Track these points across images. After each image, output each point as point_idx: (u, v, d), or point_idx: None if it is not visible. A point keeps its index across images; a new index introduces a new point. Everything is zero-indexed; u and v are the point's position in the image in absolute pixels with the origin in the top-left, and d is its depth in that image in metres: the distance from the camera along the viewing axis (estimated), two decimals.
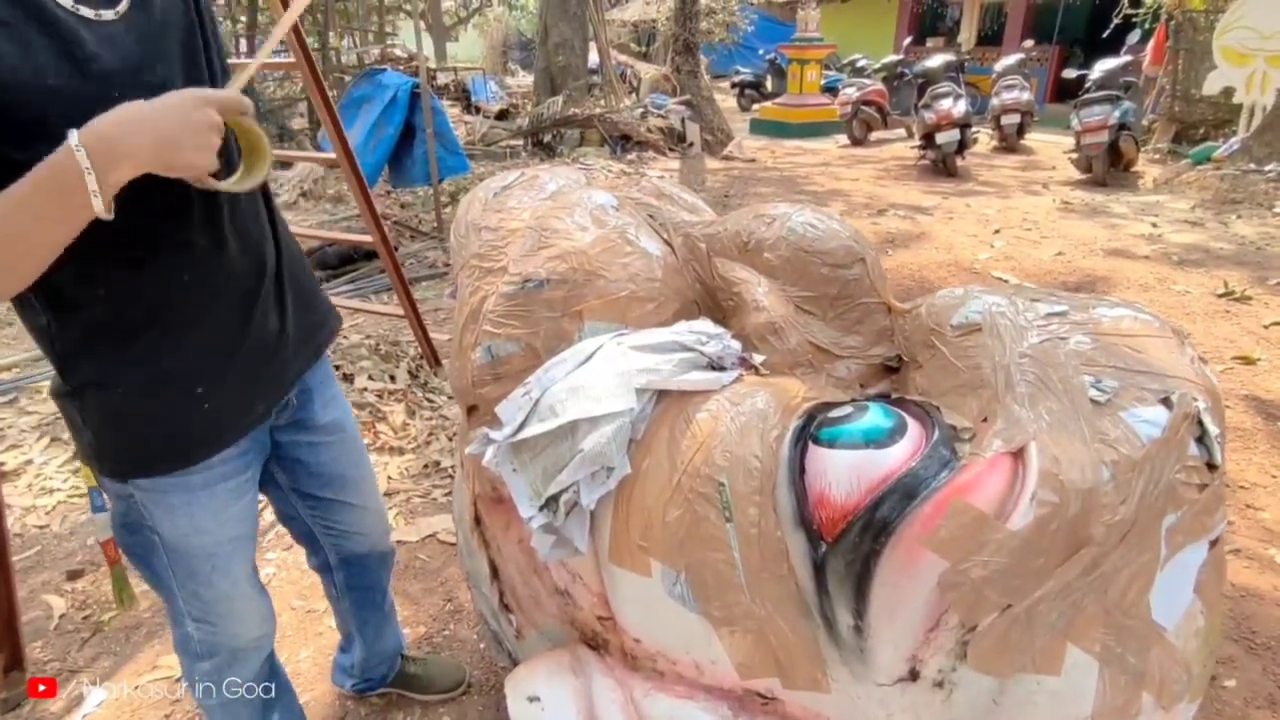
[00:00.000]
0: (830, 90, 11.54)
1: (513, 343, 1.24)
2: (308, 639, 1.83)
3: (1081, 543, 0.91)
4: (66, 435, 2.63)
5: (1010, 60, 9.50)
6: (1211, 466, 0.98)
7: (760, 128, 11.10)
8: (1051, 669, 0.94)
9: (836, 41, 11.74)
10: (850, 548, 0.96)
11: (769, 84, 13.72)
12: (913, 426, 1.04)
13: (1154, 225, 5.55)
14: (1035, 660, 0.94)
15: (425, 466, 2.53)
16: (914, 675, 0.96)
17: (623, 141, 7.46)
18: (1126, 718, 0.98)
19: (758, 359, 1.18)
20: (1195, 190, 6.42)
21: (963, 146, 7.61)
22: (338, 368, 3.09)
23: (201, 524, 1.07)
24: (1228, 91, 7.99)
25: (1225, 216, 5.73)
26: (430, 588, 2.00)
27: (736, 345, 1.16)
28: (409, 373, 2.96)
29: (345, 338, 3.39)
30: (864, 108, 9.87)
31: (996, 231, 5.42)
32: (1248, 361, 3.29)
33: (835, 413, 1.08)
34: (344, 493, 1.36)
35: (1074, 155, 7.28)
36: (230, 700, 1.25)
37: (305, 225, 4.65)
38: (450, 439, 2.66)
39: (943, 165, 7.65)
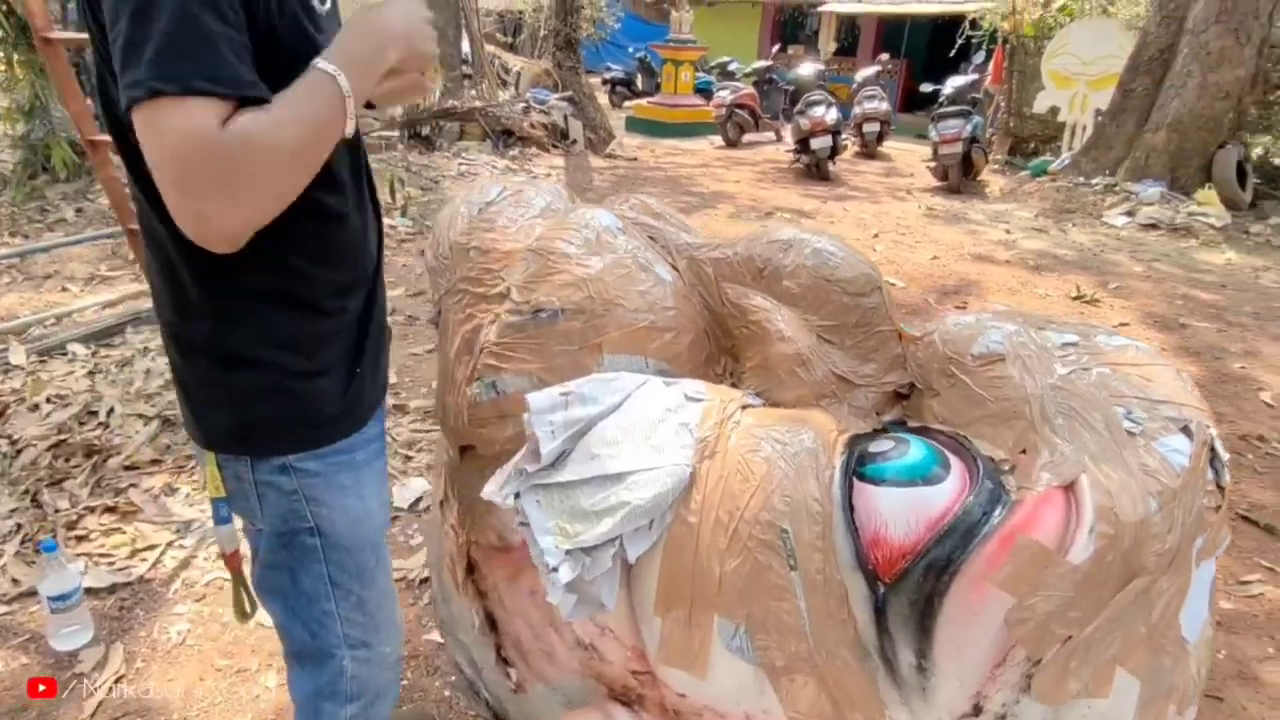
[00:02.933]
0: (702, 91, 11.81)
1: (522, 378, 1.13)
2: (242, 705, 1.61)
3: (1134, 572, 0.94)
4: None
5: (869, 71, 10.13)
6: (1221, 488, 1.05)
7: (636, 125, 11.16)
8: (1102, 693, 0.97)
9: (705, 44, 12.02)
10: (913, 588, 0.95)
11: (639, 82, 13.85)
12: (955, 462, 1.04)
13: (1007, 232, 6.09)
14: (1089, 686, 0.96)
15: None
16: (977, 710, 0.97)
17: (504, 136, 7.23)
18: None
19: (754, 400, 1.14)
20: (1036, 200, 7.12)
21: (834, 152, 8.02)
22: None
23: (370, 505, 1.05)
24: (1054, 110, 8.94)
25: (1064, 224, 6.38)
26: None
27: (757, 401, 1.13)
28: None
29: None
30: (738, 110, 10.17)
31: (875, 235, 5.75)
32: None
33: (875, 447, 1.06)
34: None
35: (932, 164, 7.86)
36: None
37: None
38: (403, 472, 2.45)
39: (816, 169, 8.03)
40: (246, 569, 1.10)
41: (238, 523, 1.07)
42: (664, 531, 1.01)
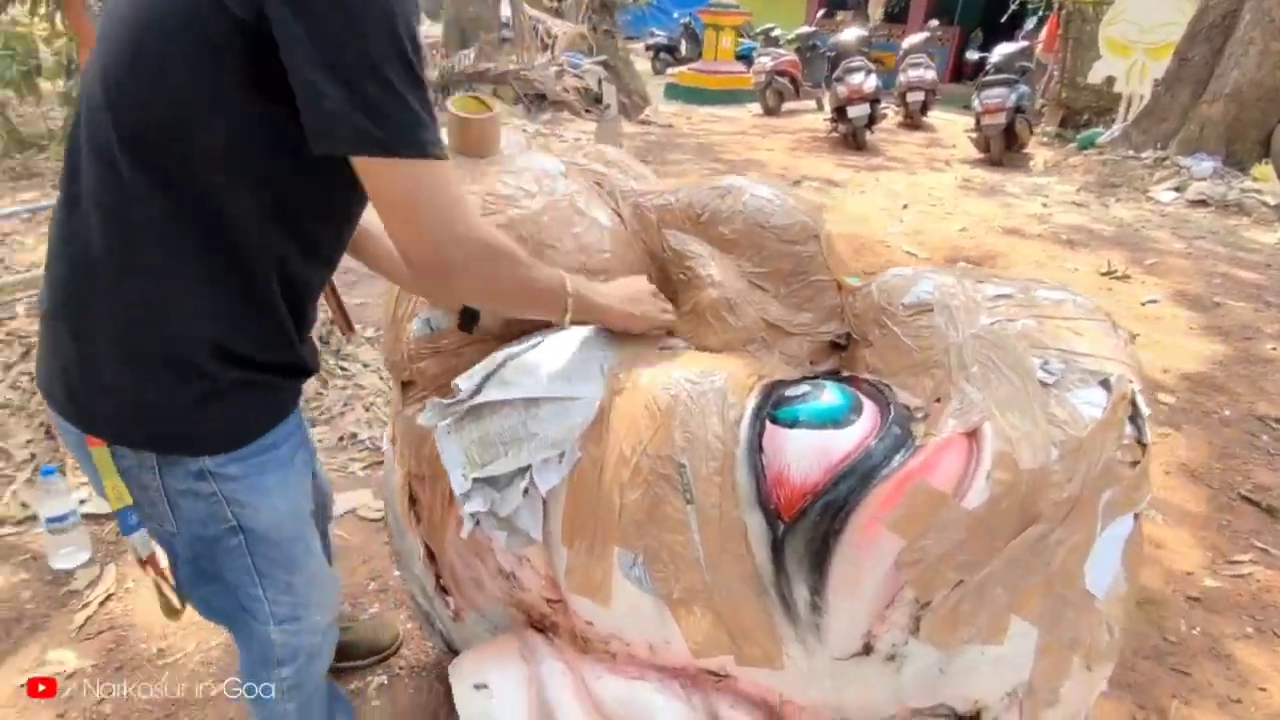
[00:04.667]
0: (744, 58, 11.58)
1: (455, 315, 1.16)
2: (216, 626, 1.71)
3: (1031, 519, 0.94)
4: None
5: (917, 38, 9.78)
6: (1142, 444, 1.03)
7: (675, 92, 11.02)
8: (996, 639, 0.98)
9: (750, 10, 11.75)
10: (810, 527, 0.96)
11: (683, 48, 13.63)
12: (868, 406, 1.04)
13: (1044, 205, 5.88)
14: (982, 631, 0.97)
15: (341, 439, 2.40)
16: (868, 649, 0.98)
17: (538, 101, 7.22)
18: (1058, 680, 1.03)
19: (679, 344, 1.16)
20: (1080, 174, 6.85)
21: (872, 121, 7.82)
22: None
23: (297, 502, 1.02)
24: (1110, 80, 8.53)
25: (1106, 199, 6.14)
26: (352, 566, 1.90)
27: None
28: (319, 339, 2.79)
29: None
30: (778, 78, 9.96)
31: (905, 206, 5.62)
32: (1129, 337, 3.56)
33: (791, 391, 1.07)
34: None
35: (974, 135, 7.60)
36: (309, 698, 1.18)
37: None
38: (367, 409, 2.53)
39: (853, 139, 7.84)
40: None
41: None
42: (573, 464, 1.04)
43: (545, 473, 1.03)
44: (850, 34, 8.73)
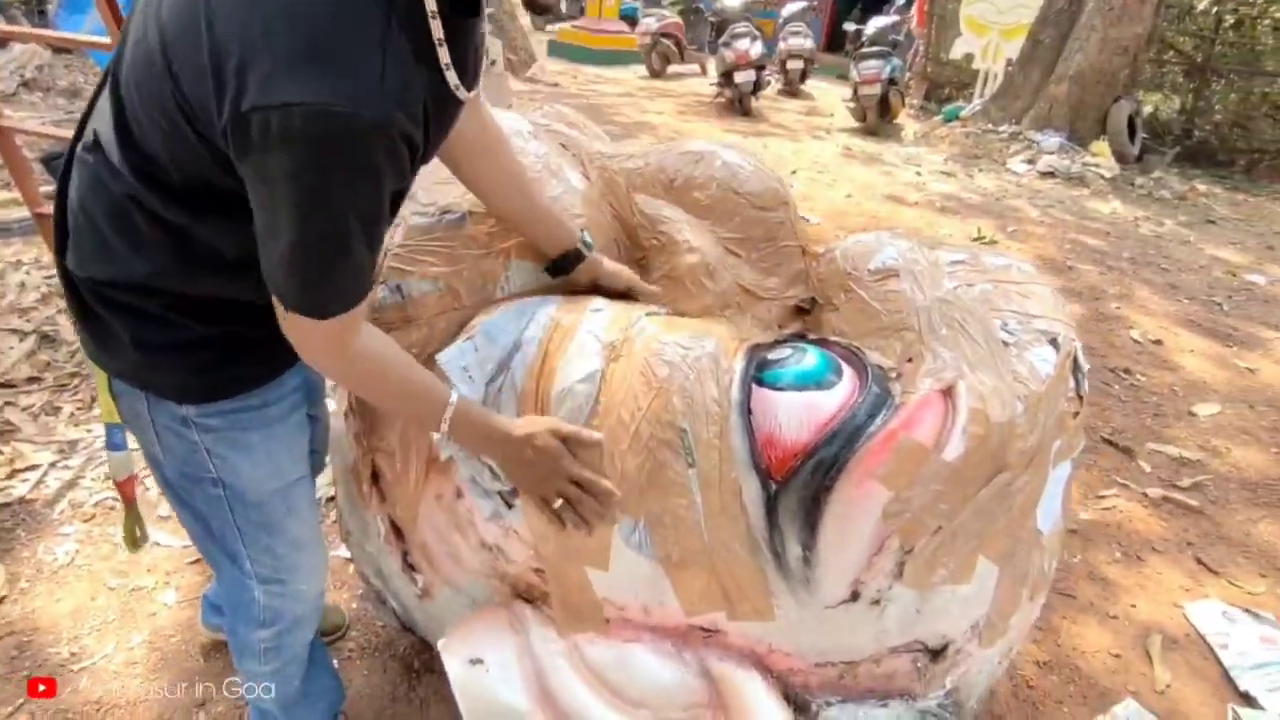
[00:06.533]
0: (627, 18, 11.46)
1: (428, 282, 1.11)
2: (138, 622, 1.57)
3: (1000, 468, 1.03)
4: None
5: (796, 7, 10.04)
6: (1080, 396, 1.15)
7: (559, 50, 10.78)
8: (965, 578, 1.07)
9: None
10: (802, 485, 1.01)
11: (564, 4, 13.31)
12: (847, 370, 1.10)
13: (918, 174, 6.27)
14: (954, 572, 1.06)
15: None
16: (855, 596, 1.05)
17: None
18: (1010, 610, 1.15)
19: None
20: (947, 145, 7.33)
21: (757, 87, 7.99)
22: None
23: (280, 464, 1.02)
24: (969, 57, 9.14)
25: (971, 169, 6.62)
26: None
27: None
28: None
29: None
30: (663, 39, 9.95)
31: (794, 173, 5.81)
32: None
33: (774, 355, 1.11)
34: (316, 407, 1.23)
35: (851, 105, 7.94)
36: (287, 662, 1.18)
37: (38, 122, 3.76)
38: None
39: (739, 104, 7.99)
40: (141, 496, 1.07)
41: (131, 445, 1.03)
42: None
43: None
44: (736, 0, 8.83)
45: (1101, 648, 1.81)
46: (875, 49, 7.56)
